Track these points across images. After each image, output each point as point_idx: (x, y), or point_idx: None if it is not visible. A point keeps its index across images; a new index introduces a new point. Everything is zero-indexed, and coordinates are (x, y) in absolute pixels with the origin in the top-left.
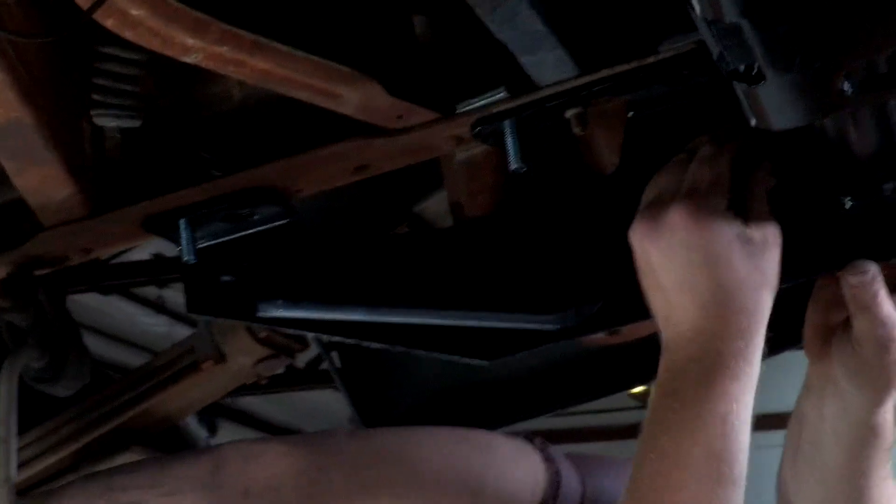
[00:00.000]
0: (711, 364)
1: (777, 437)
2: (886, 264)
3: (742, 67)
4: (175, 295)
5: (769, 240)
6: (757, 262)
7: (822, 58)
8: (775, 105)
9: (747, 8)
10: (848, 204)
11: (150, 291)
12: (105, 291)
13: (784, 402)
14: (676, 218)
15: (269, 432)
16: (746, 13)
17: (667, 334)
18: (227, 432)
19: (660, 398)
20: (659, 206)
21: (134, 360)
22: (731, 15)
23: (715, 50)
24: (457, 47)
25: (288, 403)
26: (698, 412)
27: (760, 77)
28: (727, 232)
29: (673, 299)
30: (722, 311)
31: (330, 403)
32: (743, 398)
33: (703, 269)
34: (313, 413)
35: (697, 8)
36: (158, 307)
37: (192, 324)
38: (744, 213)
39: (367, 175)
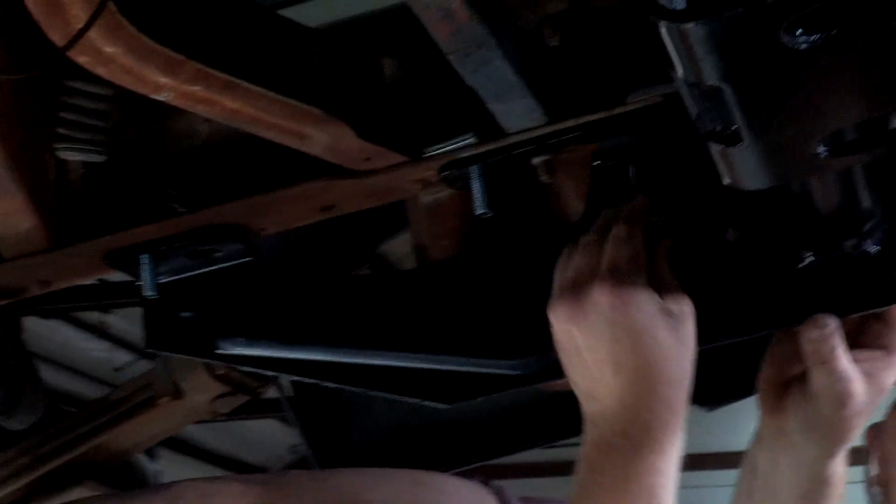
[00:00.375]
0: (639, 438)
1: (718, 475)
2: (845, 320)
3: (719, 128)
4: (117, 320)
5: (686, 311)
6: (678, 334)
7: (799, 122)
8: (750, 166)
9: (729, 73)
10: (808, 259)
11: (92, 316)
12: (46, 315)
13: (724, 442)
14: (601, 297)
15: (208, 461)
16: (728, 78)
17: (590, 409)
18: (166, 461)
19: (586, 473)
20: (580, 287)
21: (73, 384)
22: (712, 78)
23: (693, 110)
24: (426, 91)
25: (227, 432)
26: (626, 487)
27: (737, 139)
28: (650, 307)
29: (597, 375)
30: (649, 384)
31: (270, 433)
32: (669, 470)
33: (628, 344)
34: (253, 442)
35: (679, 70)
36: (100, 332)
37: (134, 350)
38: (658, 288)
39: (332, 215)
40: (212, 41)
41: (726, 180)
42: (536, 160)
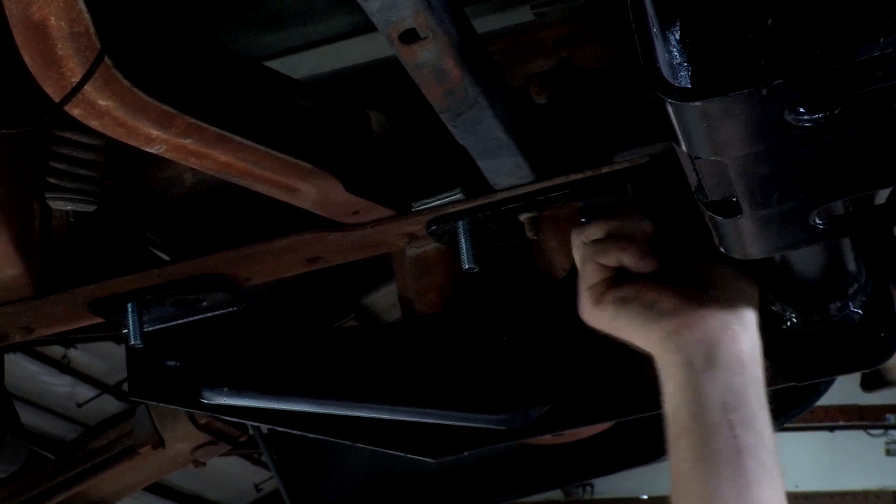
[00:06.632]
0: None
1: None
2: None
3: (718, 199)
4: (80, 355)
5: None
6: None
7: (798, 196)
8: (747, 237)
9: (732, 149)
10: (792, 319)
11: (55, 350)
12: (7, 349)
13: None
14: None
15: (171, 498)
16: (731, 154)
17: None
18: (129, 498)
19: None
20: None
21: (33, 419)
22: (715, 154)
23: (693, 181)
24: (413, 146)
25: (190, 469)
26: None
27: (736, 210)
28: None
29: None
30: None
31: (234, 471)
32: None
33: None
34: (217, 480)
35: (683, 144)
36: (62, 366)
37: (96, 385)
38: None
39: (318, 267)
40: (203, 95)
41: (722, 249)
42: (523, 216)
